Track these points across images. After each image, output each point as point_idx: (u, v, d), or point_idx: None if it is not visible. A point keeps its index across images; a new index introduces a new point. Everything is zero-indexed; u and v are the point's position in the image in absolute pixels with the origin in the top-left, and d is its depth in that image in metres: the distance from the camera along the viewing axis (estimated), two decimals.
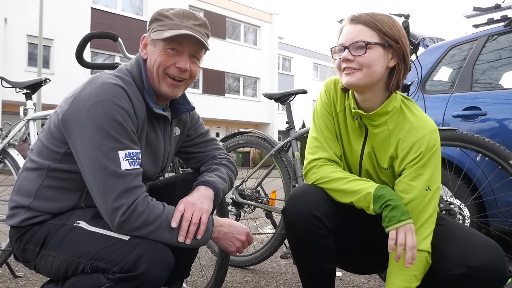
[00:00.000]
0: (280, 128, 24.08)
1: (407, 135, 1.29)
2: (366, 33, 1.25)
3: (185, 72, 1.27)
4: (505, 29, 2.71)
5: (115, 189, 1.11)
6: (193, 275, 2.35)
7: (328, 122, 1.41)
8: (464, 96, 2.74)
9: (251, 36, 24.12)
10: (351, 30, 1.26)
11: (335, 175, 1.32)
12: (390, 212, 1.19)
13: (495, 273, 1.16)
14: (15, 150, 2.28)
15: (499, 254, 1.19)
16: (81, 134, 1.13)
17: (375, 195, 1.22)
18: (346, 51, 1.25)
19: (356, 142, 1.38)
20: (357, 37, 1.24)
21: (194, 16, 1.28)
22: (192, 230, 1.19)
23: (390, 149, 1.33)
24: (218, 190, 1.36)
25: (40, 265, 1.21)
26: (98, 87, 1.16)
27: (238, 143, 2.65)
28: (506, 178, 1.84)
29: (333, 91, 1.43)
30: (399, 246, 1.17)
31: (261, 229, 3.67)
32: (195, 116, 1.56)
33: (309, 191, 1.34)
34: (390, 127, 1.32)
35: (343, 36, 1.28)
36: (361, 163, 1.39)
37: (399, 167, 1.31)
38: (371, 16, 1.27)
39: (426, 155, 1.26)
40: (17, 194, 1.25)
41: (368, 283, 2.31)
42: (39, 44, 12.63)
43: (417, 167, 1.26)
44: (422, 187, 1.25)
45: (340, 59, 1.27)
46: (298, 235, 1.31)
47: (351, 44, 1.24)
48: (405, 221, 1.18)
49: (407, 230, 1.18)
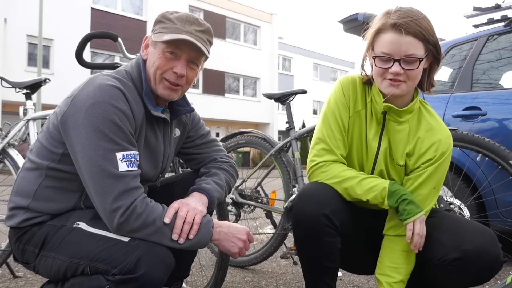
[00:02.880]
0: (280, 128, 24.08)
1: (426, 135, 1.34)
2: (416, 46, 1.21)
3: (182, 77, 1.26)
4: (505, 29, 2.71)
5: (113, 190, 1.11)
6: (193, 275, 2.35)
7: (341, 123, 1.39)
8: (464, 96, 2.74)
9: (251, 36, 24.12)
10: (400, 41, 1.21)
11: (347, 174, 1.33)
12: (408, 205, 1.25)
13: (489, 256, 1.19)
14: (15, 150, 2.28)
15: (492, 238, 1.22)
16: (79, 136, 1.13)
17: (389, 190, 1.27)
18: (396, 64, 1.22)
19: (373, 139, 1.38)
20: (409, 50, 1.21)
21: (198, 22, 1.26)
22: (186, 229, 1.18)
23: (408, 146, 1.36)
24: (213, 198, 1.35)
25: (40, 266, 1.21)
26: (96, 88, 1.16)
27: (238, 143, 2.65)
28: (506, 178, 1.84)
29: (351, 90, 1.40)
30: (416, 235, 1.24)
31: (261, 229, 3.67)
32: (195, 117, 1.56)
33: (319, 189, 1.34)
34: (412, 125, 1.36)
35: (389, 46, 1.22)
36: (376, 160, 1.39)
37: (414, 165, 1.35)
38: (416, 24, 1.21)
39: (440, 158, 1.32)
40: (16, 195, 1.25)
41: (368, 283, 2.31)
42: (39, 44, 12.63)
43: (431, 169, 1.32)
44: (431, 186, 1.33)
45: (386, 69, 1.24)
46: (305, 232, 1.31)
47: (404, 58, 1.21)
48: (421, 212, 1.25)
49: (421, 220, 1.25)
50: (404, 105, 1.33)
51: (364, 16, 2.79)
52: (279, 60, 26.57)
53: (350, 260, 1.50)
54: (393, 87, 1.25)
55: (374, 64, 1.28)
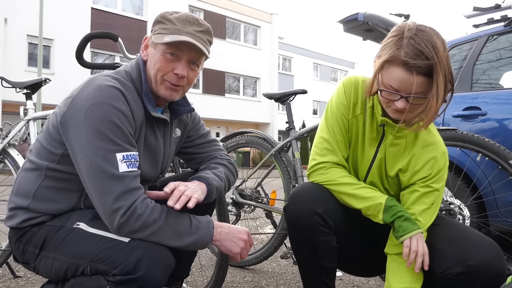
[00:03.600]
0: (280, 128, 24.08)
1: (421, 151, 1.33)
2: (427, 86, 1.14)
3: (183, 78, 1.26)
4: (505, 29, 2.71)
5: (113, 191, 1.11)
6: (193, 275, 2.35)
7: (342, 124, 1.38)
8: (464, 96, 2.74)
9: (251, 36, 24.11)
10: (410, 81, 1.13)
11: (345, 180, 1.32)
12: (403, 222, 1.24)
13: (493, 272, 1.17)
14: (15, 150, 2.28)
15: (497, 253, 1.20)
16: (79, 137, 1.12)
17: (386, 205, 1.26)
18: (403, 100, 1.17)
19: (370, 147, 1.37)
20: (418, 89, 1.14)
21: (198, 22, 1.26)
22: (183, 199, 1.17)
23: (402, 161, 1.34)
24: (211, 186, 1.34)
25: (40, 266, 1.21)
26: (96, 89, 1.15)
27: (238, 143, 2.65)
28: (506, 178, 1.84)
29: (353, 93, 1.38)
30: (412, 252, 1.21)
31: (261, 229, 3.67)
32: (196, 117, 1.56)
33: (311, 189, 1.34)
34: (408, 140, 1.34)
35: (398, 82, 1.15)
36: (370, 168, 1.38)
37: (409, 181, 1.34)
38: (428, 65, 1.11)
39: (436, 176, 1.31)
40: (16, 195, 1.25)
41: (368, 283, 2.31)
42: (39, 44, 12.63)
43: (427, 186, 1.31)
44: (429, 202, 1.31)
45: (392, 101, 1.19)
46: (299, 233, 1.31)
47: (411, 96, 1.15)
48: (417, 230, 1.23)
49: (418, 238, 1.23)
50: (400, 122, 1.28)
51: (364, 16, 2.78)
52: (279, 60, 26.57)
53: (348, 261, 1.49)
54: (399, 114, 1.21)
55: (380, 94, 1.24)
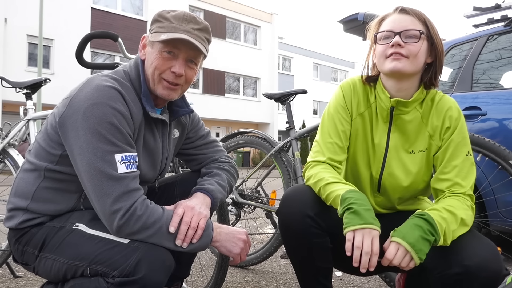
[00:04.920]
0: (280, 128, 24.09)
1: (435, 110, 1.36)
2: (417, 24, 1.28)
3: (180, 77, 1.25)
4: (505, 29, 2.70)
5: (113, 192, 1.10)
6: (193, 275, 2.35)
7: (341, 127, 1.39)
8: (464, 96, 2.74)
9: (251, 36, 24.11)
10: (401, 18, 1.29)
11: (320, 175, 1.30)
12: (350, 214, 1.14)
13: (490, 272, 1.15)
14: (15, 150, 2.28)
15: (494, 253, 1.18)
16: (77, 138, 1.12)
17: (342, 197, 1.18)
18: (397, 36, 1.27)
19: (380, 138, 1.38)
20: (410, 26, 1.27)
21: (195, 20, 1.25)
22: (190, 234, 1.17)
23: (427, 128, 1.36)
24: (216, 200, 1.35)
25: (39, 267, 1.20)
26: (94, 89, 1.14)
27: (238, 143, 2.65)
28: (506, 178, 1.84)
29: (353, 93, 1.41)
30: (356, 248, 1.11)
31: (261, 229, 3.67)
32: (195, 118, 1.55)
33: (301, 191, 1.33)
34: (421, 109, 1.37)
35: (390, 23, 1.30)
36: (385, 159, 1.38)
37: (439, 142, 1.36)
38: (419, 11, 1.31)
39: (457, 123, 1.33)
40: (15, 196, 1.24)
41: (368, 283, 2.31)
42: (39, 44, 12.64)
43: (454, 136, 1.33)
44: (463, 153, 1.32)
45: (388, 45, 1.28)
46: (293, 236, 1.30)
47: (404, 31, 1.27)
48: (364, 225, 1.12)
49: (365, 233, 1.11)
50: (406, 98, 1.34)
51: (364, 16, 2.78)
52: (279, 60, 26.57)
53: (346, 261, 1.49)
54: (396, 61, 1.27)
55: (377, 45, 1.32)
